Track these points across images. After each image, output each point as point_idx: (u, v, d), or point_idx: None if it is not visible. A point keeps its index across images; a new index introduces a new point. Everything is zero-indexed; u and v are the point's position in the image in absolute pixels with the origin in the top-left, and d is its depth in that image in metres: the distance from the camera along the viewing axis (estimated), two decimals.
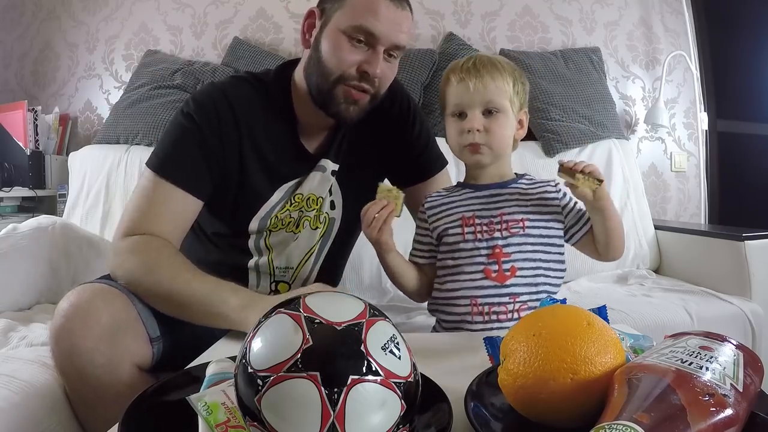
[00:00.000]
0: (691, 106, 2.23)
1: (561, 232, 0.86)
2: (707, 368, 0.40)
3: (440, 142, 1.17)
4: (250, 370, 0.38)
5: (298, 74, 0.95)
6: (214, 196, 0.93)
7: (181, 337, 0.86)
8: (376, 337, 0.40)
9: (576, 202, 0.84)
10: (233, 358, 0.53)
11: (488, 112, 0.81)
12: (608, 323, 0.66)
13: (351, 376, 0.37)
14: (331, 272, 1.10)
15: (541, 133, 1.88)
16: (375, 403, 0.37)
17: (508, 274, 0.80)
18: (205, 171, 0.90)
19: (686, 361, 0.41)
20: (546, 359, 0.45)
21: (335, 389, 0.36)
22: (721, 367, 0.41)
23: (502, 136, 0.82)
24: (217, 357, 0.58)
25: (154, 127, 1.82)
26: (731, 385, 0.39)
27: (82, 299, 0.77)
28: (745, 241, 1.46)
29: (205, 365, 0.56)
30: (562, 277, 0.87)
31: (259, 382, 0.37)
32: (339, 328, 0.39)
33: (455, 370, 0.64)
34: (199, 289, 0.79)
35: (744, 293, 1.44)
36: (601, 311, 0.71)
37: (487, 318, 0.81)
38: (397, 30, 0.85)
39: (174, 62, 2.03)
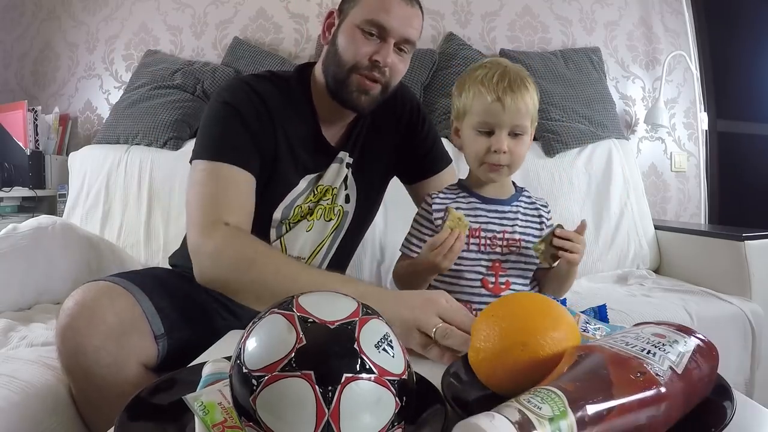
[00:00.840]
0: (691, 106, 2.23)
1: None
2: (649, 351, 0.43)
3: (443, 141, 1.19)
4: (244, 371, 0.38)
5: (317, 70, 1.00)
6: None
7: (185, 334, 0.86)
8: (370, 335, 0.40)
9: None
10: (230, 358, 0.53)
11: (514, 134, 0.82)
12: (608, 323, 0.67)
13: (345, 375, 0.37)
14: (339, 265, 1.12)
15: (541, 133, 1.88)
16: (369, 401, 0.37)
17: (503, 286, 0.85)
18: (253, 148, 0.91)
19: (631, 344, 0.44)
20: (502, 335, 0.50)
21: (329, 388, 0.36)
22: (663, 352, 0.43)
23: (522, 156, 0.84)
24: (214, 357, 0.58)
25: (154, 127, 1.82)
26: (669, 367, 0.41)
27: (88, 297, 0.77)
28: (745, 241, 1.46)
29: (202, 365, 0.56)
30: None
31: (254, 382, 0.37)
32: (332, 327, 0.39)
33: None
34: (307, 282, 0.76)
35: (744, 293, 1.44)
36: (601, 311, 0.71)
37: None
38: (406, 25, 0.91)
39: (174, 62, 2.04)
